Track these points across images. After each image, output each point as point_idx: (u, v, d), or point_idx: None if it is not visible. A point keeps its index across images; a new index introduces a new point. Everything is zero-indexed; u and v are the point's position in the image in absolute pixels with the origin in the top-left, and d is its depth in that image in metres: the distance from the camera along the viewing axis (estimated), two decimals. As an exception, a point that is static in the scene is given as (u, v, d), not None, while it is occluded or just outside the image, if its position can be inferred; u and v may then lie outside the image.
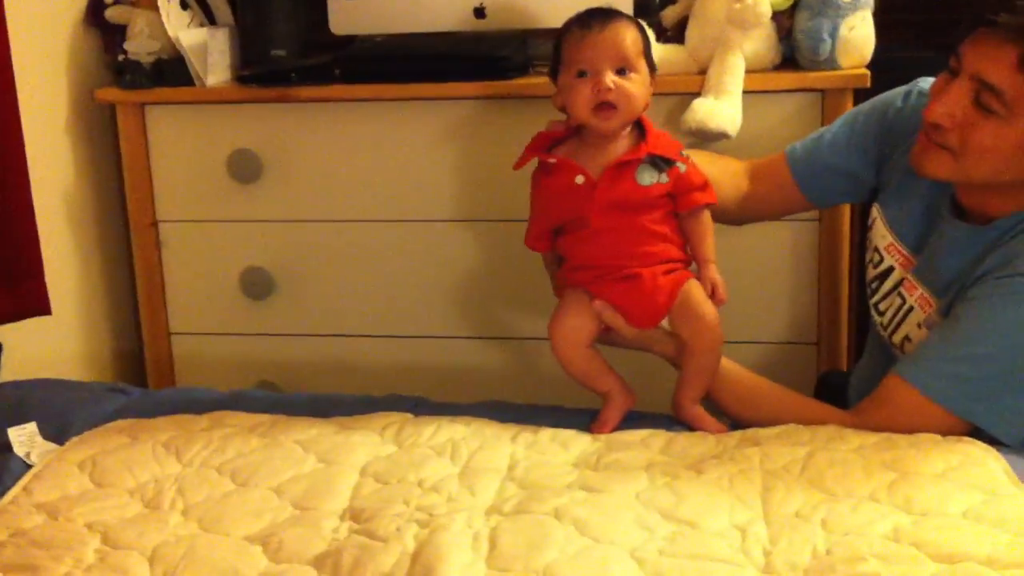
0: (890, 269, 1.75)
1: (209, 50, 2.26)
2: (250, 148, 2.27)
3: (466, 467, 1.51)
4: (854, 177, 1.81)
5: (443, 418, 1.66)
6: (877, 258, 1.77)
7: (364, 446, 1.57)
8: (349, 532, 1.35)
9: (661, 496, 1.40)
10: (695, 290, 1.63)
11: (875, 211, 1.79)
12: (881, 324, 1.77)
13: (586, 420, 1.67)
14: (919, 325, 1.67)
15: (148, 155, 2.31)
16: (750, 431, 1.59)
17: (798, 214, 2.00)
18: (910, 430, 1.53)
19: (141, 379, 2.44)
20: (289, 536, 1.34)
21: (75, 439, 1.63)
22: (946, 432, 1.52)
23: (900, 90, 1.79)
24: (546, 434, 1.60)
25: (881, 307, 1.77)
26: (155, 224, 2.34)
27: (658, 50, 2.14)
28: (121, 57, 2.29)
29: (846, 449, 1.50)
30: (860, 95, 2.09)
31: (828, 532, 1.31)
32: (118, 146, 2.33)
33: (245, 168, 2.28)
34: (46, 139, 2.25)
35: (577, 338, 1.67)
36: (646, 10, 2.23)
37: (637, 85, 1.63)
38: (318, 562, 1.29)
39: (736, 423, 1.65)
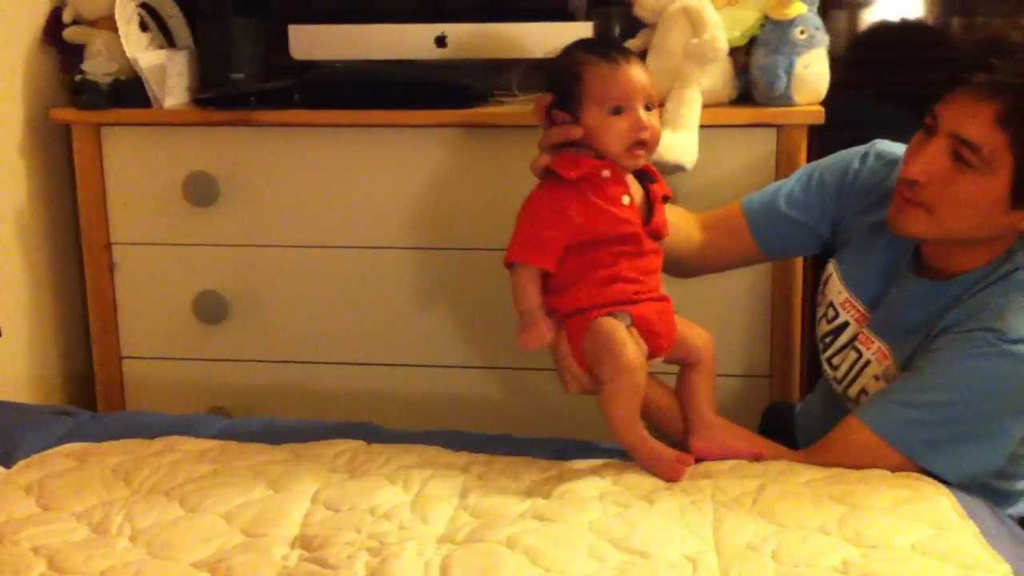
0: (845, 324, 1.77)
1: (168, 72, 2.25)
2: (207, 171, 2.26)
3: (418, 495, 1.50)
4: (810, 231, 1.84)
5: (396, 446, 1.66)
6: (832, 313, 1.79)
7: (316, 473, 1.56)
8: (299, 560, 1.34)
9: (613, 526, 1.40)
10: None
11: (831, 267, 1.82)
12: (835, 378, 1.79)
13: (537, 449, 1.67)
14: (876, 378, 1.69)
15: (103, 176, 2.30)
16: (702, 464, 1.59)
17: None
18: (861, 466, 1.56)
19: (91, 403, 2.41)
20: (238, 563, 1.32)
21: (22, 462, 1.62)
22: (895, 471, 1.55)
23: (857, 150, 1.83)
24: (499, 463, 1.60)
25: (835, 361, 1.79)
26: (108, 246, 2.32)
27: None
28: (78, 77, 2.28)
29: (797, 482, 1.52)
30: (814, 131, 2.13)
31: (778, 564, 1.32)
32: (73, 166, 2.32)
33: (201, 191, 2.26)
34: (-1, 158, 2.23)
35: (643, 363, 1.57)
36: (605, 42, 2.25)
37: (658, 122, 1.61)
38: (267, 590, 1.28)
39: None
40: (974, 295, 1.59)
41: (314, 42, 2.29)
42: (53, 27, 2.35)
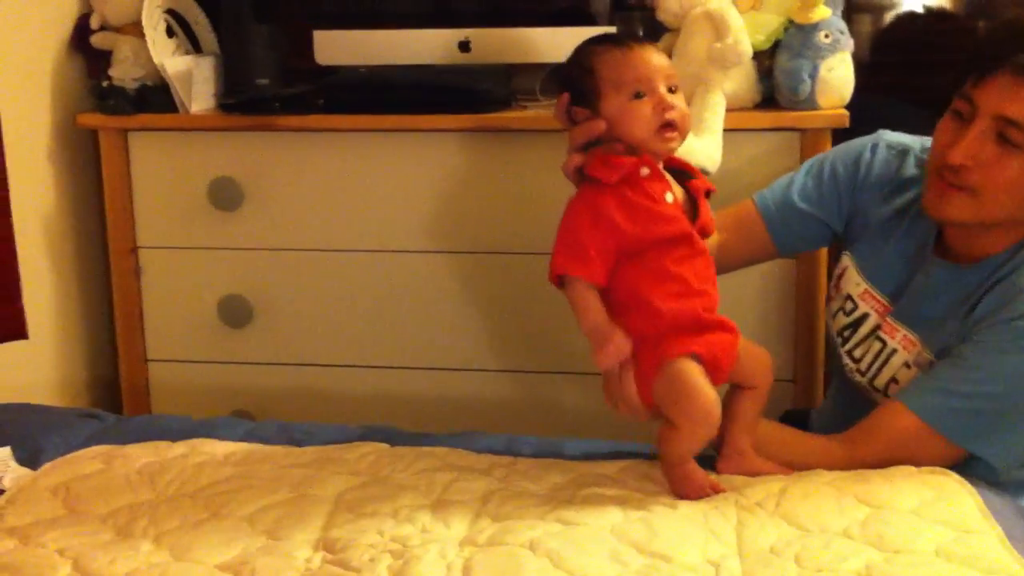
0: (865, 315, 1.77)
1: (194, 78, 2.27)
2: (231, 176, 2.28)
3: (440, 499, 1.50)
4: (824, 224, 1.83)
5: (418, 449, 1.66)
6: (850, 306, 1.79)
7: (338, 476, 1.57)
8: (322, 562, 1.35)
9: (635, 529, 1.40)
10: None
11: (846, 260, 1.82)
12: (858, 370, 1.78)
13: (563, 450, 1.67)
14: (907, 365, 1.69)
15: (129, 181, 2.32)
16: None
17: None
18: (905, 457, 1.56)
19: (117, 406, 2.43)
20: (261, 565, 1.33)
21: (48, 465, 1.63)
22: (939, 461, 1.56)
23: (864, 142, 1.83)
24: (521, 465, 1.60)
25: (856, 354, 1.78)
26: (135, 250, 2.34)
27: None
28: (105, 83, 2.30)
29: (820, 482, 1.51)
30: (839, 135, 2.12)
31: (801, 568, 1.31)
32: (99, 171, 2.34)
33: (226, 196, 2.28)
34: (27, 162, 2.25)
35: (719, 408, 1.48)
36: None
37: (685, 104, 1.54)
38: (290, 592, 1.29)
39: None
40: (1004, 278, 1.60)
41: (338, 47, 2.30)
42: (80, 33, 2.37)
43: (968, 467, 1.58)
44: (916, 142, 1.80)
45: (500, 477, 1.56)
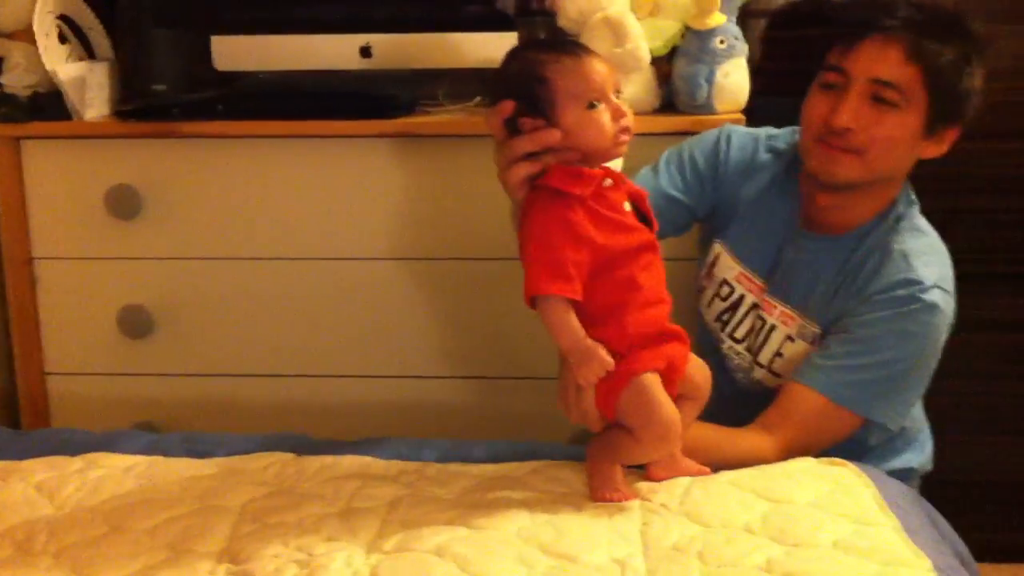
0: (742, 297, 1.87)
1: (88, 84, 2.23)
2: (129, 184, 2.24)
3: (346, 507, 1.50)
4: (689, 210, 1.92)
5: (324, 457, 1.65)
6: (726, 290, 1.89)
7: (243, 487, 1.56)
8: (226, 574, 1.34)
9: (542, 532, 1.41)
10: None
11: (718, 247, 1.91)
12: (736, 352, 1.89)
13: (471, 453, 1.68)
14: (790, 339, 1.80)
15: (23, 190, 2.26)
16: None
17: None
18: (819, 433, 1.69)
19: (15, 420, 2.37)
20: (164, 579, 1.32)
21: (-58, 482, 1.59)
22: (847, 431, 1.71)
23: (715, 132, 1.96)
24: (429, 470, 1.60)
25: (738, 334, 1.88)
26: (30, 261, 2.29)
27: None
28: (-4, 90, 2.25)
29: (722, 482, 1.54)
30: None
31: (704, 564, 1.34)
32: (-8, 181, 2.28)
33: (124, 204, 2.24)
34: (-84, 172, 2.19)
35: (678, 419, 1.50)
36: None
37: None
38: (194, 604, 1.27)
39: None
40: (878, 246, 1.74)
41: (237, 53, 2.28)
42: (-30, 40, 2.31)
43: (866, 432, 1.74)
44: (761, 131, 1.95)
45: (407, 483, 1.57)
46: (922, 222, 1.79)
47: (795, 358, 1.79)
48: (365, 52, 2.23)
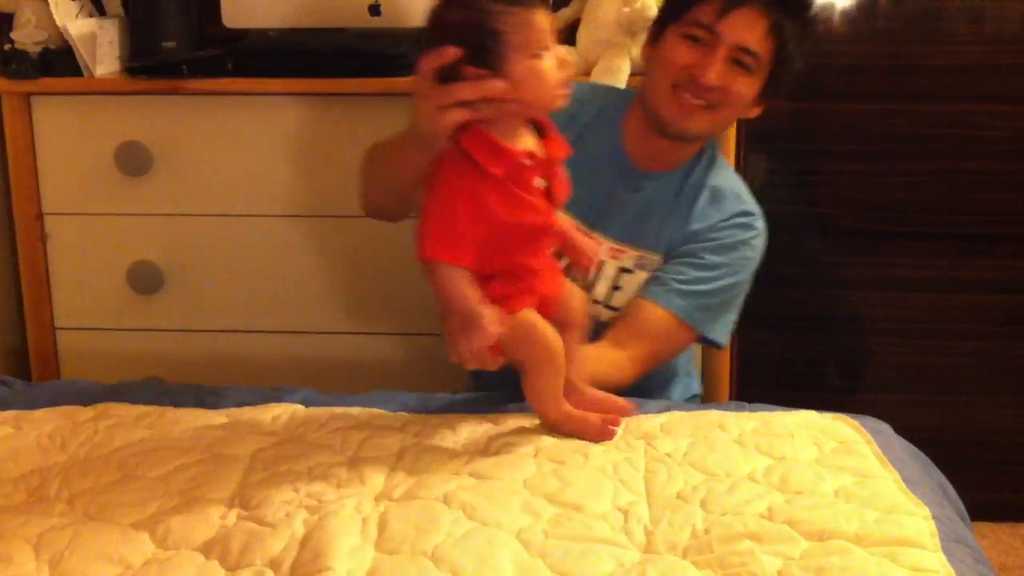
0: None
1: (98, 41, 2.24)
2: (139, 140, 2.25)
3: (355, 455, 1.52)
4: None
5: (333, 409, 1.67)
6: None
7: (252, 436, 1.57)
8: (237, 519, 1.36)
9: (548, 482, 1.43)
10: None
11: None
12: None
13: (476, 406, 1.69)
14: (624, 271, 1.91)
15: (34, 146, 2.27)
16: (633, 424, 1.62)
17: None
18: (664, 347, 1.89)
19: (26, 375, 2.38)
20: (176, 523, 1.33)
21: (-44, 430, 1.61)
22: (686, 345, 1.94)
23: None
24: (435, 421, 1.62)
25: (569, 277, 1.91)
26: (40, 217, 2.30)
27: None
28: (7, 47, 2.25)
29: (727, 440, 1.56)
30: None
31: (707, 512, 1.36)
32: (2, 137, 2.29)
33: (134, 161, 2.25)
34: (-73, 128, 2.20)
35: (562, 345, 1.57)
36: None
37: None
38: (206, 548, 1.29)
39: None
40: (699, 180, 1.92)
41: (246, 9, 2.28)
42: (-21, -4, 2.32)
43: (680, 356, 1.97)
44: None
45: (414, 433, 1.58)
46: (724, 159, 2.01)
47: (636, 288, 1.90)
48: (374, 10, 2.24)
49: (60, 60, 2.24)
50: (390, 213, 1.83)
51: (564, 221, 1.63)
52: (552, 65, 1.49)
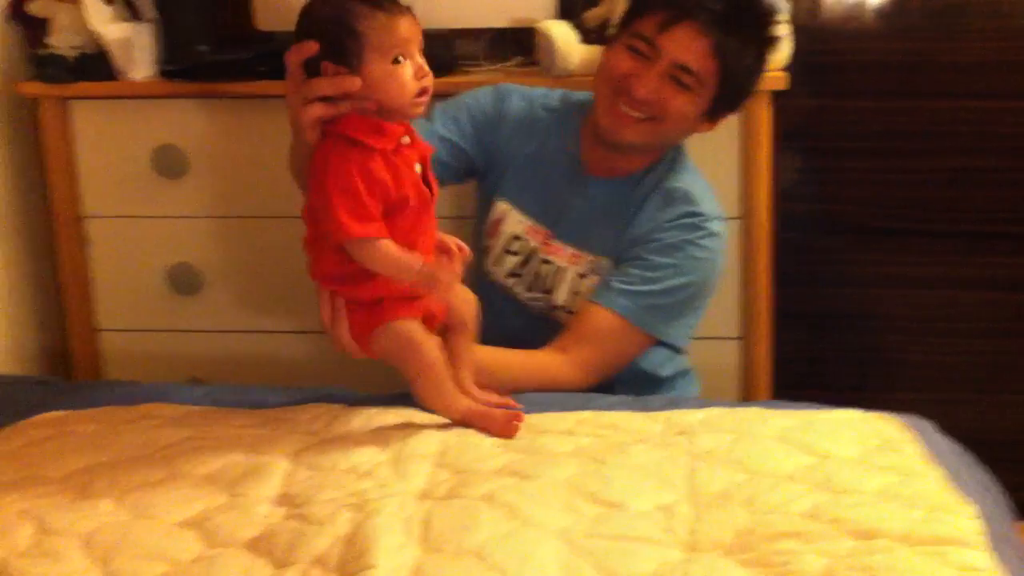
0: (534, 249, 1.98)
1: (133, 44, 2.25)
2: (175, 144, 2.27)
3: (397, 454, 1.52)
4: (467, 157, 2.00)
5: (372, 408, 1.68)
6: (517, 245, 2.00)
7: (295, 435, 1.58)
8: (283, 517, 1.37)
9: (589, 481, 1.43)
10: None
11: (503, 205, 2.01)
12: (534, 299, 1.99)
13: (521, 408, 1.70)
14: (581, 276, 1.93)
15: (72, 150, 2.29)
16: (675, 419, 1.62)
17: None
18: (615, 351, 1.86)
19: (67, 376, 2.41)
20: (223, 521, 1.35)
21: (3, 431, 1.63)
22: (640, 350, 1.90)
23: (490, 89, 2.05)
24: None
25: (532, 284, 1.99)
26: (80, 220, 2.32)
27: (581, 50, 2.19)
28: (43, 51, 2.27)
29: (768, 436, 1.56)
30: (776, 96, 2.16)
31: (750, 510, 1.35)
32: (41, 140, 2.31)
33: (170, 164, 2.27)
34: (-32, 133, 2.23)
35: (440, 351, 1.62)
36: (569, 12, 2.28)
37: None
38: (252, 545, 1.30)
39: None
40: (654, 184, 1.91)
41: (278, 12, 2.29)
42: (17, 2, 2.33)
43: (659, 363, 1.96)
44: (535, 91, 2.05)
45: (456, 432, 1.59)
46: (691, 163, 1.97)
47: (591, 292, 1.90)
48: (406, 11, 2.24)
49: (95, 64, 2.26)
50: None
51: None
52: (409, 73, 1.53)
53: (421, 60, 1.55)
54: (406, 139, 1.56)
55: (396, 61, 1.52)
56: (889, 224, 2.59)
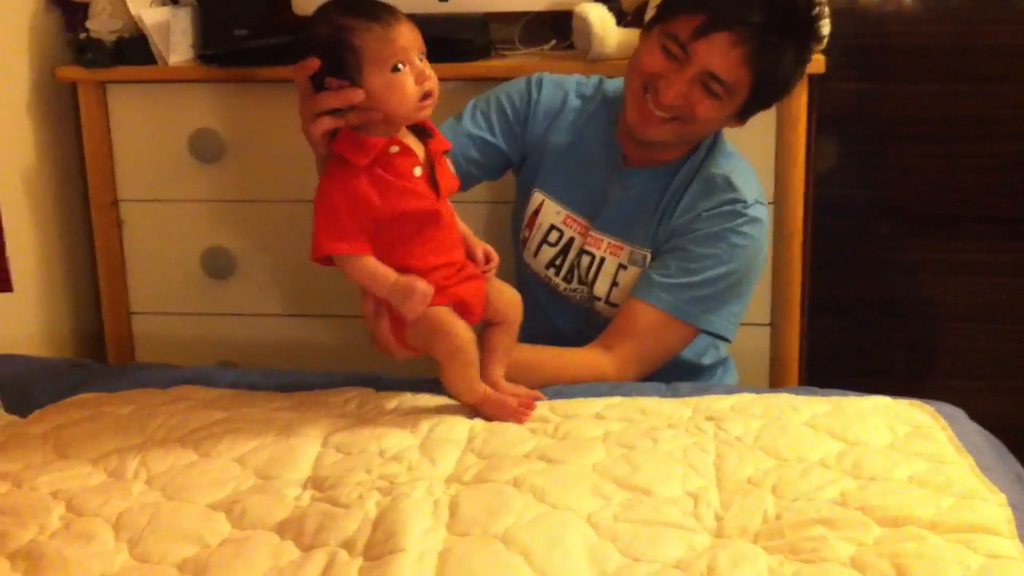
0: (571, 239, 1.97)
1: (171, 29, 2.27)
2: (212, 128, 2.28)
3: (427, 438, 1.53)
4: (502, 153, 1.99)
5: (403, 393, 1.69)
6: (555, 236, 1.98)
7: (325, 419, 1.59)
8: (312, 500, 1.38)
9: (617, 466, 1.43)
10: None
11: (539, 196, 1.99)
12: (572, 289, 1.98)
13: (548, 393, 1.70)
14: (622, 267, 1.91)
15: (109, 134, 2.31)
16: (704, 405, 1.62)
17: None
18: (658, 346, 1.84)
19: (101, 358, 2.44)
20: (252, 503, 1.36)
21: (38, 412, 1.65)
22: (684, 342, 1.87)
23: (525, 80, 2.02)
24: (505, 405, 1.63)
25: (571, 275, 1.97)
26: (116, 203, 2.34)
27: (618, 34, 2.18)
28: (83, 36, 2.29)
29: (797, 422, 1.55)
30: (814, 80, 2.14)
31: (778, 497, 1.35)
32: (79, 124, 2.33)
33: (207, 148, 2.28)
34: (6, 117, 2.25)
35: (472, 336, 1.63)
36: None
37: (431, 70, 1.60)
38: (281, 528, 1.31)
39: None
40: (692, 171, 1.88)
41: (316, -2, 2.30)
42: (57, -14, 2.36)
43: (702, 351, 1.96)
44: (570, 79, 2.03)
45: (484, 418, 1.59)
46: (730, 146, 1.94)
47: (631, 284, 1.89)
48: (442, -5, 2.25)
49: (134, 49, 2.28)
50: None
51: (461, 225, 1.67)
52: (410, 80, 1.55)
53: (422, 64, 1.57)
54: (394, 148, 1.57)
55: (396, 69, 1.55)
56: (927, 209, 2.57)
